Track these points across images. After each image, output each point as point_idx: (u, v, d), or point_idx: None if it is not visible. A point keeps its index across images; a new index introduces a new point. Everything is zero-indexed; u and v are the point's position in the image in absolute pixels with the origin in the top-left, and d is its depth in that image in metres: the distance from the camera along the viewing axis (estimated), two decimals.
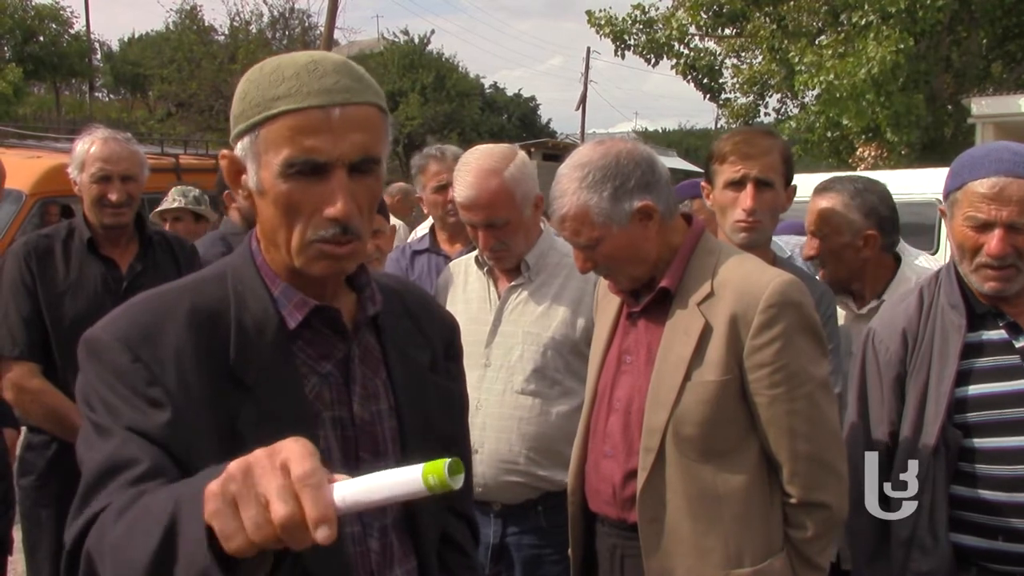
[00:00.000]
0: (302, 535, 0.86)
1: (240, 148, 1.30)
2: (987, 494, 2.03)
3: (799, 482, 1.95)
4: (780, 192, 2.45)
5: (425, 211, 3.88)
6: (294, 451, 0.89)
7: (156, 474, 1.12)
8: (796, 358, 1.92)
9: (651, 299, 2.04)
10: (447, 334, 1.58)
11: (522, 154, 2.67)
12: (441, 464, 0.88)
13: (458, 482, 0.89)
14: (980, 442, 2.04)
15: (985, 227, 2.01)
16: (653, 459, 1.96)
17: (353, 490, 0.89)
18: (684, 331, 1.97)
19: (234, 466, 0.89)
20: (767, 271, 2.00)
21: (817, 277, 2.75)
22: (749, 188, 2.40)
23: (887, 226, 2.72)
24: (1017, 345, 2.06)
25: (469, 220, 2.60)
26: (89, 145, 3.03)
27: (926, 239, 5.45)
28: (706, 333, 1.94)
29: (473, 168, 2.56)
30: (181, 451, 1.19)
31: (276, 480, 0.87)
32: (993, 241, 2.00)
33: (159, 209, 5.04)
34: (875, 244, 2.69)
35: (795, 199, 2.55)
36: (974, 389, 2.05)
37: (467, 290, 2.74)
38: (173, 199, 5.07)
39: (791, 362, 1.91)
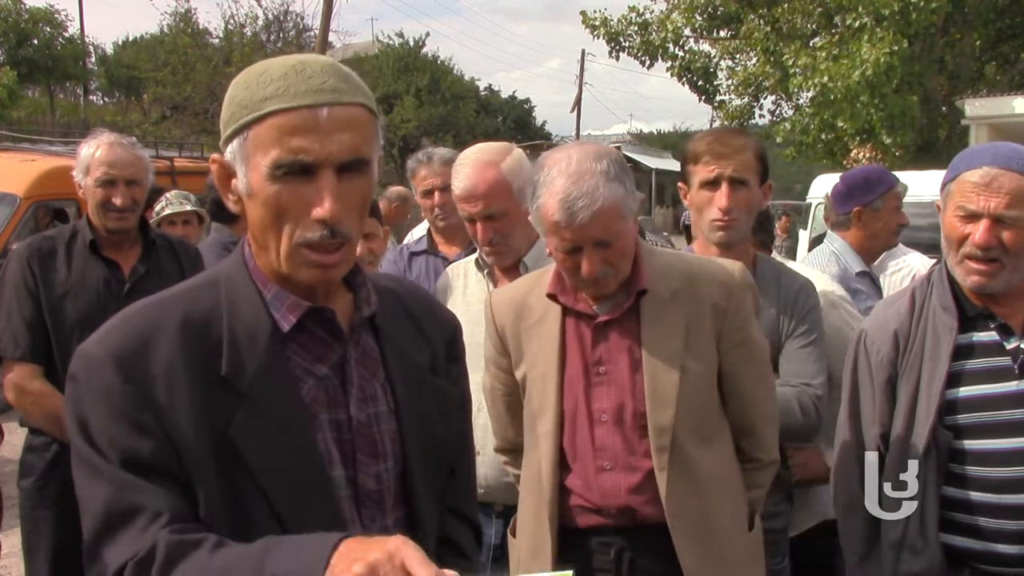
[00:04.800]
0: None
1: (230, 152, 1.29)
2: (978, 496, 2.04)
3: (768, 444, 2.15)
4: (755, 190, 2.48)
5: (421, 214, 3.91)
6: (413, 556, 1.02)
7: (172, 515, 1.19)
8: (754, 330, 2.12)
9: (631, 303, 2.04)
10: (448, 334, 1.56)
11: (519, 150, 2.69)
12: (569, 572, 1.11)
13: None
14: (971, 444, 2.04)
15: (973, 217, 2.01)
16: (668, 457, 1.99)
17: None
18: (667, 327, 2.01)
19: (361, 569, 1.02)
20: (723, 259, 2.19)
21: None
22: (724, 187, 2.42)
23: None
24: (1008, 347, 2.06)
25: (467, 213, 2.60)
26: (95, 149, 3.01)
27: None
28: (690, 324, 2.02)
29: (471, 161, 2.59)
30: (177, 470, 1.21)
31: None
32: (979, 231, 2.00)
33: (167, 213, 4.77)
34: None
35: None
36: (965, 391, 2.06)
37: (467, 293, 2.75)
38: (179, 203, 4.84)
39: (753, 334, 2.11)
